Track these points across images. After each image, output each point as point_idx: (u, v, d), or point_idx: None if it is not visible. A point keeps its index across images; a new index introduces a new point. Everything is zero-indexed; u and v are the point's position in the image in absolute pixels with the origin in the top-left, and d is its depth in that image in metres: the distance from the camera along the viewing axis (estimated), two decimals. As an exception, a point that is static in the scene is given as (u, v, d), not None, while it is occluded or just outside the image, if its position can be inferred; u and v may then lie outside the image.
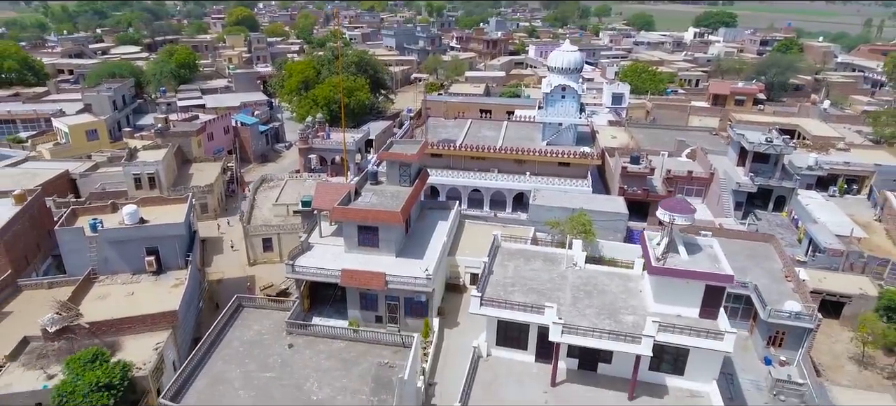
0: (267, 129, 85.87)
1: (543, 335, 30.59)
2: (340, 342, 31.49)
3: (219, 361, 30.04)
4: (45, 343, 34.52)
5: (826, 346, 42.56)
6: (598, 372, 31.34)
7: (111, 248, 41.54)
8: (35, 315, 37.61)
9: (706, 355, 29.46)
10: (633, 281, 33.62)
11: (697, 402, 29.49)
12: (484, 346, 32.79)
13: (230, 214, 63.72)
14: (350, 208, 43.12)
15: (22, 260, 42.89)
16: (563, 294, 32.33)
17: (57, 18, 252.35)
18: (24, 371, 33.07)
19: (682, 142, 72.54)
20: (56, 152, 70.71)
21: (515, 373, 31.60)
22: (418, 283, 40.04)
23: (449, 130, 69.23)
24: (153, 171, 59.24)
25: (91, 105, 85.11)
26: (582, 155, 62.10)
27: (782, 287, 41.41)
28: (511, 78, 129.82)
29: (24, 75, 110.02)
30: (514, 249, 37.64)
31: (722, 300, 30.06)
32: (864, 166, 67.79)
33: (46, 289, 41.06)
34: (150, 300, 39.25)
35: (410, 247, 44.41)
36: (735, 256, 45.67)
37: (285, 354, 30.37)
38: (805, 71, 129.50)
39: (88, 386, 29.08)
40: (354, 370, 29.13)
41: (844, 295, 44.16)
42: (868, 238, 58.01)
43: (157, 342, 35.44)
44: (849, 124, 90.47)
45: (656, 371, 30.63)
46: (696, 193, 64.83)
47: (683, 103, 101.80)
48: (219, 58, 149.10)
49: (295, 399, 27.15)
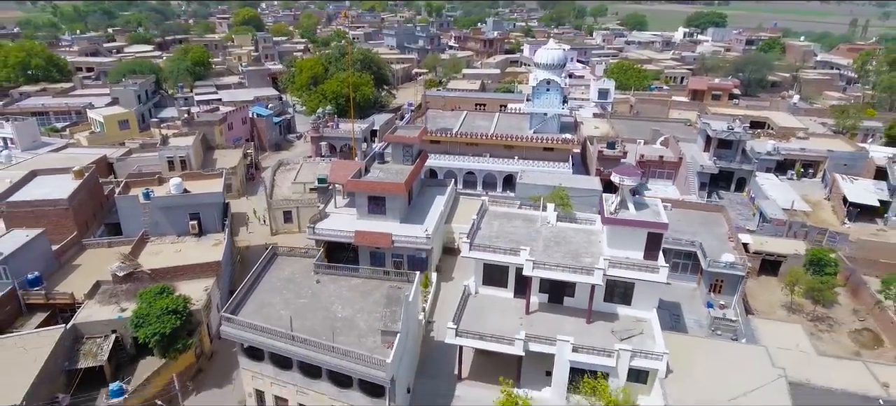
0: (280, 121, 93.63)
1: (520, 275, 38.34)
2: (358, 279, 39.21)
3: (262, 293, 37.77)
4: (115, 285, 42.27)
5: (764, 297, 50.41)
6: (564, 304, 39.06)
7: (160, 213, 49.38)
8: (99, 267, 45.57)
9: (648, 288, 37.21)
10: (594, 234, 41.31)
11: (641, 325, 37.20)
12: (473, 286, 40.52)
13: (250, 194, 71.51)
14: (361, 181, 51.02)
15: (84, 225, 50.63)
16: (537, 243, 40.01)
17: (67, 18, 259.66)
18: (100, 306, 40.83)
19: (656, 131, 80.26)
20: (93, 140, 78.43)
21: (498, 306, 39.26)
22: (419, 242, 48.01)
23: (446, 120, 76.85)
24: (184, 154, 67.04)
25: (118, 98, 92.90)
26: (564, 141, 69.79)
27: (725, 246, 49.17)
28: (506, 75, 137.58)
29: (50, 72, 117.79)
30: (498, 211, 45.39)
31: (660, 244, 37.73)
32: (819, 152, 75.56)
33: (106, 247, 48.87)
34: (195, 255, 47.08)
35: (412, 214, 52.29)
36: (691, 224, 53.75)
37: (314, 288, 38.11)
38: (785, 69, 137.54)
39: (159, 310, 36.89)
40: (370, 298, 36.86)
41: (781, 255, 52.01)
42: (816, 213, 66.04)
43: (205, 285, 43.28)
44: (816, 117, 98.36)
45: (609, 302, 38.36)
46: (667, 176, 72.49)
47: (665, 98, 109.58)
48: (228, 56, 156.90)
49: (325, 316, 34.89)
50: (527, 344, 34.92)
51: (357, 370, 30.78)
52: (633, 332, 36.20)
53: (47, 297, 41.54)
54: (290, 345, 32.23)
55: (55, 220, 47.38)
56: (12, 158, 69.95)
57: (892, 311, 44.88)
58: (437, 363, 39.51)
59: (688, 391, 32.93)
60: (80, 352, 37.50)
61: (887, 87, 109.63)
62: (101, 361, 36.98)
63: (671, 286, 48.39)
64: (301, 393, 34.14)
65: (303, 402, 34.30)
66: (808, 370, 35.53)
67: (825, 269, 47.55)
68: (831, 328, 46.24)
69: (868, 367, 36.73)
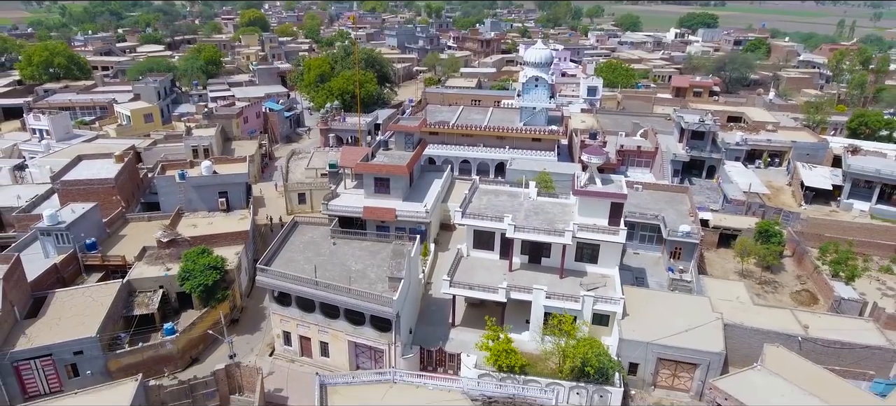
0: (290, 115, 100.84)
1: (505, 239, 45.55)
2: (368, 241, 46.42)
3: (287, 253, 44.93)
4: (159, 250, 49.46)
5: (720, 265, 57.63)
6: (542, 263, 46.26)
7: (194, 191, 56.65)
8: (141, 237, 52.89)
9: (611, 248, 44.46)
10: (568, 206, 48.51)
11: (605, 280, 44.39)
12: (465, 249, 47.74)
13: (265, 181, 78.67)
14: (369, 164, 58.21)
15: (126, 202, 57.83)
16: (519, 213, 47.23)
17: (76, 19, 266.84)
18: (147, 266, 48.02)
19: (636, 124, 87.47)
20: (120, 132, 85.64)
21: (486, 266, 46.43)
22: (419, 216, 55.24)
23: (444, 114, 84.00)
24: (207, 143, 74.30)
25: (140, 95, 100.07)
26: (550, 132, 76.91)
27: (686, 220, 56.34)
28: (502, 74, 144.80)
29: (71, 70, 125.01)
30: (487, 188, 52.65)
31: (622, 213, 44.92)
32: (783, 143, 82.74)
33: (146, 221, 56.10)
34: (225, 227, 54.31)
35: (413, 194, 59.47)
36: (658, 202, 60.90)
37: (331, 248, 45.25)
38: (769, 68, 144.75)
39: (202, 266, 44.11)
40: (378, 256, 44.03)
41: (736, 229, 59.23)
42: (778, 197, 73.29)
43: (236, 251, 50.51)
44: (789, 112, 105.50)
45: (579, 261, 45.59)
46: (645, 164, 79.67)
47: (649, 95, 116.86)
48: (237, 55, 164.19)
49: (341, 269, 42.05)
50: (509, 292, 42.13)
51: (369, 307, 38.04)
52: (598, 285, 43.41)
53: (102, 259, 48.76)
54: (314, 289, 39.48)
55: (103, 196, 54.57)
56: (51, 148, 77.29)
57: (826, 274, 52.05)
58: (434, 314, 46.64)
59: (638, 328, 40.18)
60: (135, 302, 44.74)
61: (858, 84, 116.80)
62: (153, 310, 44.20)
63: (639, 255, 56.27)
64: (322, 331, 41.40)
65: (323, 339, 41.53)
66: (742, 316, 42.75)
67: (771, 239, 54.72)
68: (776, 290, 53.45)
69: (794, 314, 44.02)
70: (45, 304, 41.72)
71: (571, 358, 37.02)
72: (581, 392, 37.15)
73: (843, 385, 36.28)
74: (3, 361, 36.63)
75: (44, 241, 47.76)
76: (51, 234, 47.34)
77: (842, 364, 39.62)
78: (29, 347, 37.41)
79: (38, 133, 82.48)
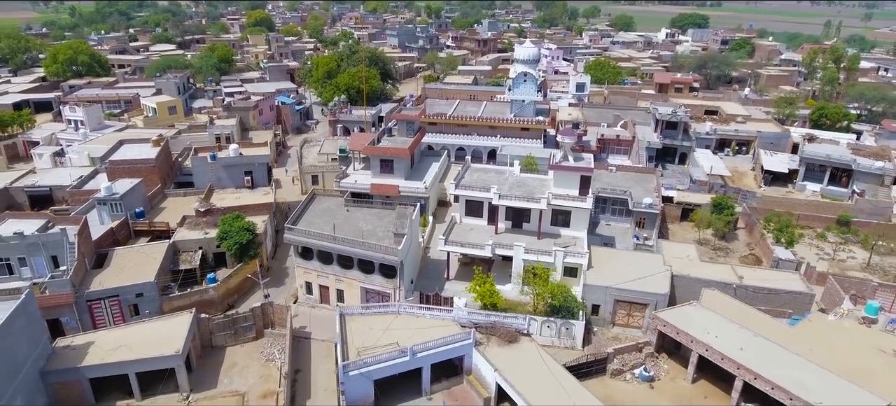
0: (300, 109, 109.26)
1: (491, 207, 53.92)
2: (376, 208, 54.86)
3: (309, 217, 53.27)
4: (197, 218, 57.85)
5: (681, 235, 66.03)
6: (523, 227, 54.66)
7: (223, 170, 65.08)
8: (179, 208, 61.28)
9: (580, 214, 52.84)
10: (546, 181, 56.88)
11: (575, 240, 52.75)
12: (457, 217, 56.15)
13: (279, 167, 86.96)
14: (375, 147, 66.63)
15: (163, 180, 66.25)
16: (504, 185, 55.63)
17: (87, 19, 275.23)
18: (188, 231, 56.41)
19: (617, 116, 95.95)
20: (147, 123, 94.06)
21: (475, 230, 54.77)
22: (419, 191, 63.63)
23: (442, 106, 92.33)
24: (229, 131, 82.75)
25: (161, 90, 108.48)
26: (537, 122, 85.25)
27: (650, 195, 64.66)
28: (497, 72, 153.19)
29: (93, 68, 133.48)
30: (478, 167, 61.12)
31: (589, 184, 53.31)
32: (750, 133, 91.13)
33: (182, 196, 64.52)
34: (251, 200, 62.74)
35: (414, 174, 67.87)
36: (628, 181, 69.16)
37: (345, 214, 53.61)
38: (749, 66, 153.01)
39: (238, 228, 52.54)
40: (385, 219, 52.37)
41: (696, 204, 67.66)
42: (742, 180, 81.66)
43: (263, 219, 58.96)
44: (762, 107, 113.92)
45: (554, 225, 53.99)
46: (623, 151, 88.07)
47: (634, 90, 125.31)
48: (246, 54, 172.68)
49: (354, 229, 50.34)
50: (494, 249, 50.54)
51: (378, 257, 46.48)
52: (569, 244, 51.81)
53: (149, 225, 57.23)
54: (333, 243, 47.92)
55: (145, 173, 62.97)
56: (87, 136, 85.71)
57: (770, 240, 60.45)
58: (432, 271, 54.91)
59: (600, 277, 48.59)
60: (180, 259, 53.18)
61: (829, 81, 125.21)
62: (195, 265, 52.63)
63: (610, 226, 64.57)
64: (338, 280, 49.83)
65: (339, 287, 49.96)
66: (689, 269, 51.17)
67: (723, 211, 63.13)
68: (727, 255, 61.87)
69: (733, 269, 52.47)
70: (107, 259, 50.18)
71: (543, 297, 45.38)
72: (551, 325, 45.47)
73: (764, 318, 44.74)
74: (81, 300, 45.02)
75: (100, 210, 56.18)
76: (106, 203, 55.77)
77: (769, 306, 47.94)
78: (101, 289, 45.83)
79: (74, 123, 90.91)
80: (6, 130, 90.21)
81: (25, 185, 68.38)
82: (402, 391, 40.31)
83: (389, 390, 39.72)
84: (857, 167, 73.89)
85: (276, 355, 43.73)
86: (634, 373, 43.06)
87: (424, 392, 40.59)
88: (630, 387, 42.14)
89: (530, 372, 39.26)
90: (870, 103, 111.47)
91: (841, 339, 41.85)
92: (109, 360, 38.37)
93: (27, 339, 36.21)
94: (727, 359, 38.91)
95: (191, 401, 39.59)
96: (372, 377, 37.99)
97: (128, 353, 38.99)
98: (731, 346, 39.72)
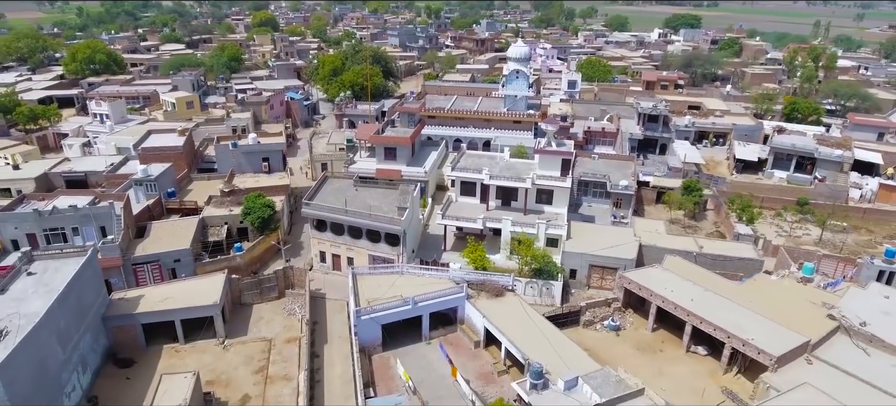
0: (307, 104, 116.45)
1: (483, 187, 61.07)
2: (382, 188, 62.01)
3: (322, 195, 60.45)
4: (221, 197, 65.00)
5: (656, 215, 73.09)
6: (511, 205, 61.84)
7: (243, 157, 72.27)
8: (204, 190, 68.39)
9: (561, 193, 60.02)
10: (531, 164, 64.03)
11: (557, 216, 59.87)
12: (453, 196, 63.33)
13: (290, 156, 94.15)
14: (380, 136, 73.84)
15: (189, 165, 73.43)
16: (495, 168, 62.78)
17: (95, 20, 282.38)
18: (214, 209, 63.55)
19: (604, 110, 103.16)
20: (166, 117, 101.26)
21: (469, 207, 61.95)
22: (419, 175, 70.80)
23: (440, 101, 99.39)
24: (244, 124, 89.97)
25: (177, 86, 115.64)
26: (528, 116, 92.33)
27: (628, 179, 71.81)
28: (494, 70, 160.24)
29: (110, 66, 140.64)
30: (472, 153, 68.26)
31: (570, 167, 60.51)
32: (726, 125, 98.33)
33: (206, 180, 71.73)
34: (268, 183, 69.88)
35: (415, 160, 75.04)
36: (609, 167, 76.08)
37: (355, 192, 60.71)
38: (735, 65, 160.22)
39: (259, 205, 59.73)
40: (389, 197, 59.40)
41: (669, 187, 74.82)
42: (717, 168, 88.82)
43: (280, 198, 66.15)
44: (743, 102, 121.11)
45: (539, 203, 61.18)
46: (608, 142, 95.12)
47: (623, 87, 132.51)
48: (253, 53, 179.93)
49: (363, 204, 57.43)
50: (485, 222, 57.71)
51: (383, 227, 53.68)
52: (551, 219, 58.97)
53: (180, 203, 64.41)
54: (345, 216, 55.11)
55: (174, 159, 70.09)
56: (113, 128, 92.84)
57: (733, 219, 67.58)
58: (430, 244, 62.09)
59: (578, 246, 55.78)
60: (209, 232, 60.35)
61: (807, 78, 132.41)
62: (222, 238, 59.81)
63: (592, 207, 71.68)
64: (349, 249, 57.03)
65: (350, 255, 57.13)
66: (656, 240, 58.39)
67: (692, 192, 70.33)
68: (695, 232, 68.96)
69: (695, 240, 59.66)
70: (146, 231, 57.39)
71: (527, 261, 52.51)
72: (534, 285, 52.61)
73: (718, 279, 51.91)
74: (127, 263, 52.19)
75: (137, 190, 63.34)
76: (143, 184, 62.95)
77: (724, 270, 55.07)
78: (144, 254, 53.03)
79: (99, 117, 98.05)
80: (37, 123, 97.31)
81: (62, 170, 75.41)
82: (405, 337, 47.44)
83: (395, 335, 46.82)
84: (819, 155, 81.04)
85: (296, 310, 50.90)
86: (604, 323, 50.25)
87: (424, 337, 47.75)
88: (599, 335, 49.33)
89: (514, 320, 46.39)
90: (842, 99, 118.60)
91: (779, 294, 49.03)
92: (159, 308, 45.56)
93: (93, 288, 43.41)
94: (679, 308, 46.12)
95: (226, 345, 46.76)
96: (380, 322, 45.16)
97: (173, 304, 46.20)
98: (683, 299, 46.90)
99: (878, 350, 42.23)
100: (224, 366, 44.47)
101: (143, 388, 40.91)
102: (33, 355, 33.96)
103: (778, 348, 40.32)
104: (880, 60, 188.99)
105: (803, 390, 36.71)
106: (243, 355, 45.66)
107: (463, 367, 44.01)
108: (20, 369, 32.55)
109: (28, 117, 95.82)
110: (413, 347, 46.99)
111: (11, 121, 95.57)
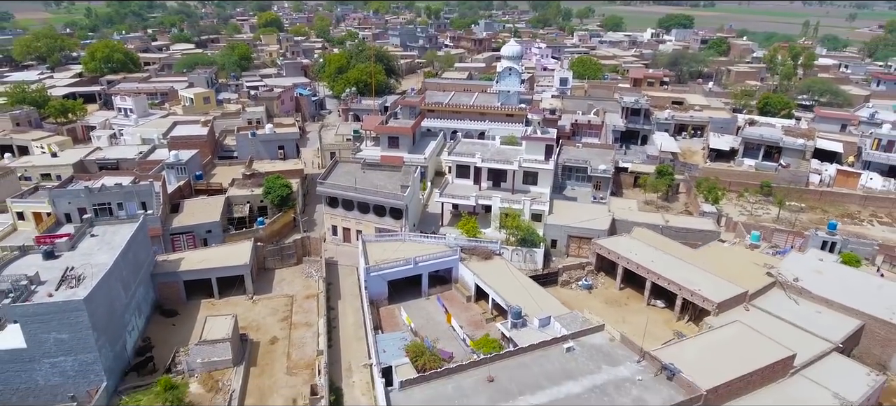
0: (315, 100, 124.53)
1: (476, 170, 69.06)
2: (386, 171, 70.01)
3: (334, 176, 68.50)
4: (244, 179, 72.99)
5: (632, 197, 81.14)
6: (501, 186, 69.82)
7: (261, 145, 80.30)
8: (227, 174, 76.38)
9: (545, 175, 68.00)
10: (519, 150, 71.97)
11: (541, 196, 67.78)
12: (450, 178, 71.33)
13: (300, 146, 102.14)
14: (384, 127, 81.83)
15: (212, 152, 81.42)
16: (486, 153, 70.75)
17: (104, 20, 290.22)
18: (238, 189, 71.55)
19: (591, 105, 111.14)
20: (185, 111, 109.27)
21: (464, 188, 69.89)
22: (420, 161, 78.80)
23: (439, 96, 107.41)
24: (259, 116, 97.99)
25: (193, 83, 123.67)
26: (520, 109, 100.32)
27: (607, 164, 79.75)
28: (491, 69, 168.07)
29: (127, 64, 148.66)
30: (466, 141, 76.18)
31: (553, 151, 68.41)
32: (703, 118, 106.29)
33: (228, 166, 79.73)
34: (285, 168, 77.88)
35: (416, 149, 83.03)
36: (591, 155, 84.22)
37: (362, 174, 68.77)
38: (721, 63, 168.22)
39: (278, 185, 67.75)
40: (393, 177, 67.47)
41: (646, 173, 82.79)
42: (692, 157, 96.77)
43: (296, 181, 74.16)
44: (723, 98, 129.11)
45: (525, 184, 69.16)
46: (593, 134, 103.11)
47: (611, 84, 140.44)
48: (260, 52, 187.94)
49: (370, 183, 65.42)
50: (477, 199, 65.70)
51: (388, 202, 61.67)
52: (536, 197, 66.93)
53: (207, 185, 72.43)
54: (354, 192, 63.11)
55: (199, 146, 78.08)
56: (137, 121, 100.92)
57: (700, 199, 75.56)
58: (429, 220, 70.08)
59: (558, 219, 63.76)
60: (234, 210, 68.36)
61: (786, 76, 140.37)
62: (245, 214, 67.83)
63: (574, 190, 79.65)
64: (358, 223, 65.04)
65: (358, 228, 65.14)
66: (627, 215, 66.37)
67: (664, 176, 78.30)
68: (668, 210, 76.97)
69: (662, 216, 67.65)
70: (180, 207, 65.38)
71: (513, 231, 60.46)
72: (519, 252, 60.58)
73: (679, 246, 59.84)
74: (166, 233, 60.19)
75: (168, 173, 71.30)
76: (174, 167, 70.96)
77: (686, 240, 63.04)
78: (180, 225, 61.04)
79: (124, 111, 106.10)
80: (66, 117, 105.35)
81: (96, 158, 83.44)
82: (408, 293, 55.38)
83: (399, 291, 54.77)
84: (783, 144, 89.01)
85: (313, 273, 58.90)
86: (578, 283, 58.24)
87: (424, 293, 55.73)
88: (574, 292, 57.34)
89: (500, 277, 54.31)
90: (816, 94, 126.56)
91: (729, 257, 57.05)
92: (198, 267, 53.59)
93: (144, 249, 51.43)
94: (641, 267, 54.12)
95: (254, 300, 54.77)
96: (386, 278, 53.13)
97: (210, 264, 54.23)
98: (645, 260, 54.90)
99: (807, 300, 50.26)
100: (254, 315, 52.48)
101: (186, 331, 48.95)
102: (106, 294, 41.95)
103: (719, 296, 48.33)
104: (863, 59, 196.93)
105: (734, 327, 44.69)
106: (270, 308, 53.68)
107: (456, 317, 51.96)
108: (99, 304, 40.53)
109: (58, 111, 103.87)
110: (414, 302, 54.97)
111: (43, 114, 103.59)
